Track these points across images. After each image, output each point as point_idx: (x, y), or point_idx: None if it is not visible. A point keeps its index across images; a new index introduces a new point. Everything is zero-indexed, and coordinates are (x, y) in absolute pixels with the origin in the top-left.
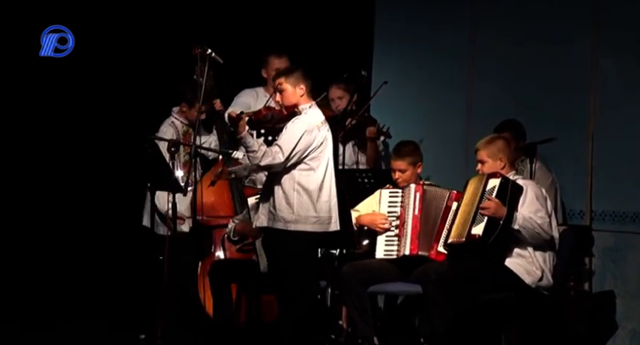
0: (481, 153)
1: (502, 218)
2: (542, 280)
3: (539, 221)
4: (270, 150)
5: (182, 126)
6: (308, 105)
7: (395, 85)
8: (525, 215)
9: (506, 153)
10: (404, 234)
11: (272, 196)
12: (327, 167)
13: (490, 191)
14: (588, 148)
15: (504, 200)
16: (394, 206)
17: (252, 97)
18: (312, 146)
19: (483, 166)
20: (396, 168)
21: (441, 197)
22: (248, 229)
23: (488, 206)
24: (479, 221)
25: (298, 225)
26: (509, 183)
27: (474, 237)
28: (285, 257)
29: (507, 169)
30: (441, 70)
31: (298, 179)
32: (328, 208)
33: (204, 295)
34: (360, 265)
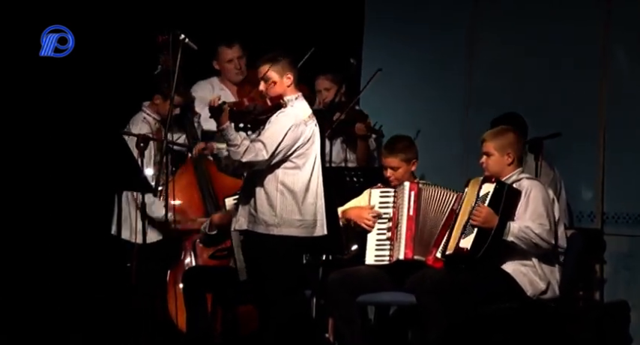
0: (488, 145)
1: (492, 229)
2: (546, 292)
3: (538, 230)
4: (253, 146)
5: (154, 122)
6: (294, 96)
7: (387, 75)
8: (521, 225)
9: (515, 148)
10: (397, 237)
11: (253, 197)
12: (314, 166)
13: (483, 198)
14: (599, 143)
15: (497, 208)
16: (386, 207)
17: (207, 90)
18: (299, 142)
19: (489, 159)
20: (387, 165)
21: (446, 199)
22: (227, 221)
23: (477, 215)
24: (468, 233)
25: (281, 229)
26: (505, 188)
27: (462, 251)
28: (266, 264)
29: (515, 165)
30: (438, 59)
31: (282, 179)
32: (314, 211)
33: (175, 306)
34: (348, 273)
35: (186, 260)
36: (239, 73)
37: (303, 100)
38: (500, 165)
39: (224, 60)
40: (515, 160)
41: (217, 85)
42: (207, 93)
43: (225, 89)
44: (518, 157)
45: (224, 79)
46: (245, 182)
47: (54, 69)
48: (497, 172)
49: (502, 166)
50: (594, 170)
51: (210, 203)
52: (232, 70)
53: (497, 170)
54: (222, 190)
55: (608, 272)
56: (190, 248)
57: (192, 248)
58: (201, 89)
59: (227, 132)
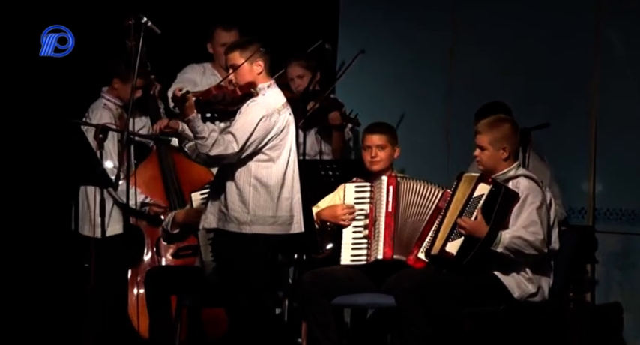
0: (482, 138)
1: (481, 239)
2: (535, 295)
3: (531, 238)
4: (222, 138)
5: (116, 108)
6: (266, 84)
7: (365, 62)
8: (513, 234)
9: (512, 141)
10: (375, 235)
11: (223, 193)
12: (288, 158)
13: (476, 200)
14: (590, 135)
15: (490, 213)
16: (362, 203)
17: (199, 74)
18: (272, 133)
19: (482, 154)
20: (372, 144)
21: (428, 194)
22: (192, 218)
23: (464, 225)
24: (456, 237)
25: (254, 227)
26: (501, 192)
27: (447, 255)
28: (237, 264)
29: (511, 160)
30: (418, 45)
31: (255, 172)
32: (289, 207)
33: (136, 309)
34: (322, 273)
35: (148, 259)
36: None
37: (276, 88)
38: (495, 160)
39: (218, 43)
40: (511, 155)
41: (209, 69)
42: (197, 76)
43: (217, 75)
44: (515, 151)
45: (216, 64)
46: (215, 177)
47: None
48: (491, 168)
49: (497, 161)
50: (585, 163)
51: (175, 199)
52: (223, 55)
53: (491, 166)
54: (189, 184)
55: (600, 272)
56: (153, 246)
57: (154, 246)
58: (192, 71)
59: (194, 123)
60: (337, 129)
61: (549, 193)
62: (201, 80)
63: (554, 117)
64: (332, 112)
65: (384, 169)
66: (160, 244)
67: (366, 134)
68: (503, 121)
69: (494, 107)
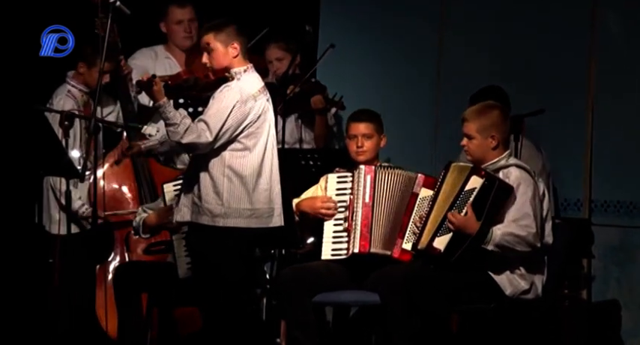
0: (469, 126)
1: (472, 235)
2: (528, 292)
3: (523, 233)
4: (195, 125)
5: (81, 95)
6: (242, 68)
7: (347, 45)
8: (504, 231)
9: (501, 129)
10: (353, 227)
11: (196, 184)
12: (266, 146)
13: (467, 194)
14: (587, 122)
15: (482, 208)
16: (343, 194)
17: (150, 59)
18: (247, 121)
19: (470, 143)
20: (358, 133)
21: (405, 182)
22: (164, 220)
23: (453, 221)
24: (445, 231)
25: (229, 220)
26: (494, 186)
27: (434, 251)
28: (212, 260)
29: (501, 149)
30: (404, 27)
31: (230, 162)
32: (268, 199)
33: (104, 308)
34: (303, 269)
35: (118, 255)
36: (188, 37)
37: (253, 73)
38: (484, 149)
39: (173, 21)
40: (500, 143)
41: (162, 53)
42: (148, 61)
43: (171, 58)
44: (504, 139)
45: (170, 47)
46: (188, 167)
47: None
48: (480, 157)
49: (485, 150)
50: (581, 152)
51: (146, 190)
52: (180, 33)
53: (479, 155)
54: (161, 174)
55: (597, 267)
56: (122, 241)
57: (124, 241)
58: (143, 57)
59: (164, 109)
60: (320, 113)
61: (542, 184)
62: (154, 66)
63: (549, 104)
64: (314, 95)
65: (370, 159)
66: (130, 239)
67: (351, 122)
68: (492, 107)
69: (490, 92)
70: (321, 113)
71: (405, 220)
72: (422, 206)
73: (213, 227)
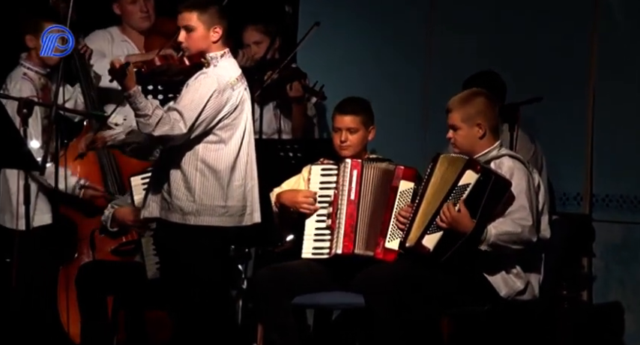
0: (453, 116)
1: (465, 235)
2: (524, 292)
3: (518, 230)
4: (167, 116)
5: (39, 78)
6: (219, 53)
7: (330, 27)
8: (499, 230)
9: (488, 116)
10: (337, 226)
11: (166, 178)
12: (242, 139)
13: (461, 189)
14: (588, 110)
15: (477, 206)
16: (327, 188)
17: (106, 41)
18: (224, 111)
19: (456, 134)
20: (342, 126)
21: (383, 175)
22: (133, 217)
23: (445, 217)
24: (435, 229)
25: (201, 218)
26: (490, 181)
27: (423, 250)
28: (183, 259)
29: (489, 138)
30: (391, 9)
31: (203, 156)
32: (242, 195)
33: (67, 312)
34: (281, 269)
35: (83, 255)
36: (145, 18)
37: (230, 58)
38: (471, 139)
39: (127, 0)
40: (487, 132)
41: (118, 35)
42: (104, 44)
43: (128, 41)
44: (492, 127)
45: (126, 29)
46: (157, 160)
47: None
48: (468, 149)
49: (473, 140)
50: (582, 143)
51: (112, 183)
52: (137, 14)
53: (467, 146)
54: (128, 166)
55: (598, 267)
56: (87, 239)
57: (89, 239)
58: (98, 39)
59: (135, 99)
60: (297, 102)
61: (537, 175)
62: (111, 49)
63: (546, 92)
64: (293, 82)
65: (355, 154)
66: (96, 237)
67: (336, 114)
68: (476, 94)
69: (484, 78)
70: (298, 102)
71: (386, 217)
72: (403, 200)
73: (184, 225)
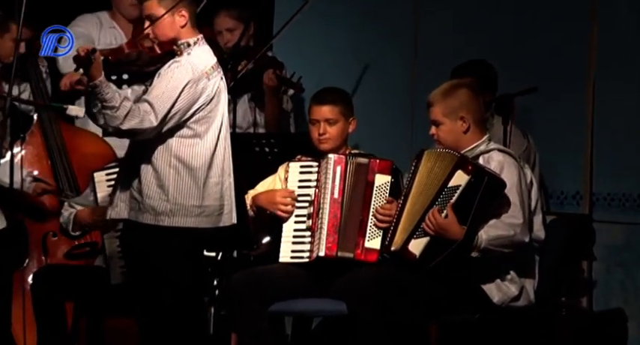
0: (434, 110)
1: (454, 243)
2: (518, 298)
3: (510, 232)
4: (137, 108)
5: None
6: (192, 40)
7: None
8: (490, 235)
9: (472, 108)
10: (319, 227)
11: (136, 176)
12: (219, 133)
13: (450, 192)
14: (588, 103)
15: (468, 210)
16: (307, 186)
17: (95, 27)
18: (199, 103)
19: (439, 130)
20: (320, 118)
21: (359, 169)
22: (97, 217)
23: (430, 223)
24: (421, 234)
25: (175, 218)
26: (483, 182)
27: (409, 255)
28: (153, 263)
29: (474, 132)
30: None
31: (177, 151)
32: (220, 194)
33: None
34: (257, 274)
35: (34, 260)
36: (136, 6)
37: (204, 45)
38: (455, 134)
39: None
40: (472, 126)
41: (107, 21)
42: (92, 29)
43: (117, 28)
44: (478, 120)
45: (116, 15)
46: (126, 153)
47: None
48: (452, 145)
49: (457, 135)
50: (581, 138)
51: (65, 182)
52: (126, 1)
53: (452, 142)
54: (83, 162)
55: (599, 270)
56: (39, 244)
57: (41, 244)
58: (86, 24)
59: (101, 89)
60: (271, 93)
61: (529, 171)
62: (99, 35)
63: (544, 81)
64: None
65: (335, 147)
66: (49, 241)
67: (313, 105)
68: (458, 86)
69: (475, 66)
70: (272, 93)
71: (364, 215)
72: (380, 196)
73: (156, 227)
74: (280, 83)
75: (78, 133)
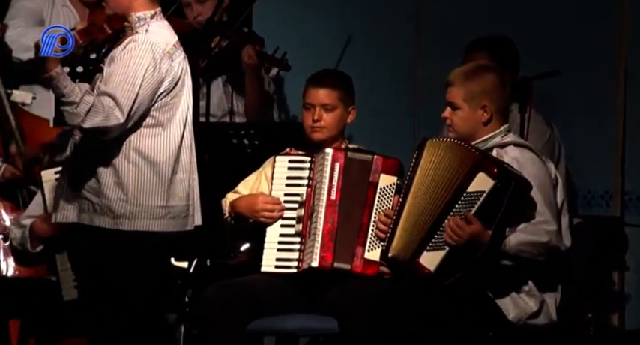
0: (454, 91)
1: (480, 251)
2: (538, 315)
3: (543, 238)
4: (99, 102)
5: None
6: (149, 13)
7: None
8: (520, 239)
9: (497, 97)
10: (311, 232)
11: (89, 173)
12: (185, 122)
13: (471, 199)
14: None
15: (492, 218)
16: (297, 184)
17: (46, 5)
18: (163, 88)
19: (454, 115)
20: (316, 102)
21: (361, 168)
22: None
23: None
24: (437, 245)
25: (137, 221)
26: (510, 188)
27: (422, 271)
28: (111, 275)
29: (495, 123)
30: None
31: (137, 144)
32: (187, 192)
33: None
34: (234, 286)
35: None
36: None
37: (163, 21)
38: (472, 124)
39: None
40: (494, 116)
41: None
42: (43, 6)
43: (70, 7)
44: (501, 111)
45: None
46: (74, 149)
47: None
48: (466, 134)
49: (474, 125)
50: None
51: None
52: None
53: (466, 131)
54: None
55: (632, 282)
56: None
57: None
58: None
59: (58, 82)
60: (252, 72)
61: (552, 166)
62: (50, 13)
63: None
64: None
65: (329, 138)
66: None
67: (309, 87)
68: (485, 69)
69: (494, 44)
70: (252, 72)
71: (364, 221)
72: (384, 200)
73: (114, 232)
74: (262, 61)
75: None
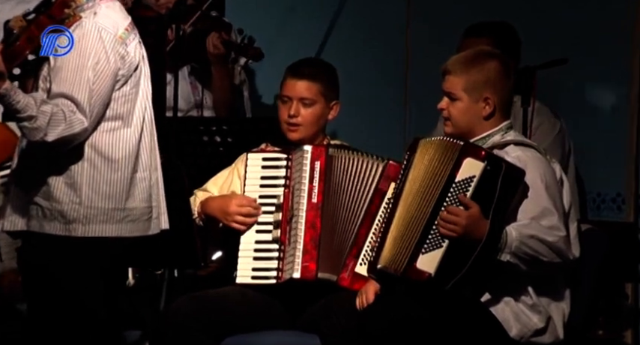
0: (452, 80)
1: (479, 243)
2: (544, 332)
3: (550, 238)
4: (58, 108)
5: None
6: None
7: None
8: (523, 232)
9: (500, 89)
10: (291, 239)
11: (37, 174)
12: (144, 115)
13: (462, 186)
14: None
15: (488, 206)
16: (273, 185)
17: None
18: (120, 76)
19: (452, 106)
20: (294, 95)
21: (365, 172)
22: None
23: (451, 222)
24: (433, 245)
25: (92, 226)
26: (502, 170)
27: (422, 276)
28: (64, 287)
29: (497, 118)
30: None
31: (93, 139)
32: (147, 193)
33: None
34: (205, 299)
35: None
36: None
37: (115, 1)
38: (471, 117)
39: None
40: (497, 110)
41: None
42: None
43: None
44: (504, 104)
45: None
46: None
47: None
48: (464, 129)
49: (474, 118)
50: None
51: None
52: None
53: (465, 125)
54: None
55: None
56: None
57: None
58: None
59: (10, 98)
60: (217, 62)
61: (558, 166)
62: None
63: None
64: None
65: (307, 137)
66: None
67: (288, 78)
68: (489, 56)
69: (495, 29)
70: (218, 62)
71: (362, 232)
72: None
73: (67, 239)
74: (228, 50)
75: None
